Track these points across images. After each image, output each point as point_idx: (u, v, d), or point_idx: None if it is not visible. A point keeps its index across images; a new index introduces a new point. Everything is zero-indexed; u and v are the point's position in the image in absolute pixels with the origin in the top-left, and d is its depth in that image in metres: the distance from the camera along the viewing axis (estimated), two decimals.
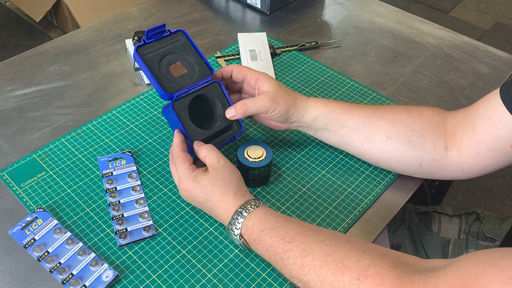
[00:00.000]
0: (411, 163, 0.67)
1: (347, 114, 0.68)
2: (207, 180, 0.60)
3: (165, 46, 0.70)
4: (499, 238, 0.79)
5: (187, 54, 0.71)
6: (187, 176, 0.61)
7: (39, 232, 0.63)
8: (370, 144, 0.68)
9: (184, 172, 0.61)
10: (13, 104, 0.84)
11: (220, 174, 0.60)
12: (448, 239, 0.82)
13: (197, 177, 0.61)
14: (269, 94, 0.67)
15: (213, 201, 0.60)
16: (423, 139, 0.65)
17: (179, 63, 0.70)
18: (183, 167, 0.62)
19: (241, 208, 0.58)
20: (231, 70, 0.72)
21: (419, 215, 0.87)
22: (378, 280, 0.46)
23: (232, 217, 0.58)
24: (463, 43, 1.04)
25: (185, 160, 0.62)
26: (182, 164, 0.62)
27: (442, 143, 0.65)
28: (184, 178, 0.61)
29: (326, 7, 1.16)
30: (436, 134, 0.65)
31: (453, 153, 0.64)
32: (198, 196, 0.61)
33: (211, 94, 0.69)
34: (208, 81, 0.70)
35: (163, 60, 0.69)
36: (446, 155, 0.65)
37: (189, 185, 0.61)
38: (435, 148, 0.65)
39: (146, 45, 0.69)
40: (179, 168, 0.62)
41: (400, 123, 0.66)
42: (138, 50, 0.68)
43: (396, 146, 0.66)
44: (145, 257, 0.62)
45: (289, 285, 0.60)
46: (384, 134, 0.66)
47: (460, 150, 0.64)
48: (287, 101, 0.68)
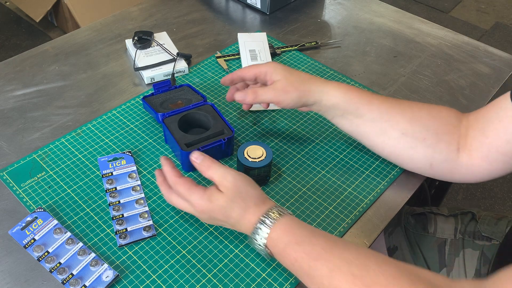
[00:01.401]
0: (422, 161, 0.66)
1: (367, 105, 0.67)
2: (224, 199, 0.57)
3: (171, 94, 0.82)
4: (496, 237, 0.79)
5: (188, 95, 0.81)
6: (201, 198, 0.58)
7: (39, 232, 0.63)
8: (384, 138, 0.67)
9: (195, 197, 0.58)
10: (13, 104, 0.84)
11: (234, 191, 0.58)
12: (445, 239, 0.82)
13: (213, 197, 0.57)
14: (278, 84, 0.67)
15: (234, 217, 0.57)
16: (437, 139, 0.65)
17: (179, 102, 0.80)
18: (190, 192, 0.58)
19: (264, 217, 0.56)
20: (240, 73, 0.71)
21: (415, 216, 0.87)
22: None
23: (255, 227, 0.56)
24: (463, 43, 1.04)
25: (188, 184, 0.59)
26: (189, 190, 0.58)
27: (455, 145, 0.64)
28: (198, 201, 0.58)
29: (326, 7, 1.16)
30: (450, 135, 0.65)
31: (464, 155, 0.64)
32: (218, 215, 0.58)
33: (202, 111, 0.76)
34: (200, 103, 0.77)
35: (165, 102, 0.80)
36: (458, 157, 0.64)
37: (206, 206, 0.57)
38: (448, 149, 0.64)
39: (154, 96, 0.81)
40: (187, 196, 0.58)
41: (418, 121, 0.66)
42: (145, 98, 0.80)
43: (410, 143, 0.66)
44: (145, 257, 0.62)
45: (289, 285, 0.60)
46: (400, 130, 0.66)
47: (471, 153, 0.63)
48: (298, 89, 0.67)
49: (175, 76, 0.90)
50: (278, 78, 0.68)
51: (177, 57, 0.91)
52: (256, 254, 0.63)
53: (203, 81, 0.90)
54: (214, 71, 0.93)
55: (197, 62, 0.95)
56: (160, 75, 0.89)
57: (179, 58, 0.91)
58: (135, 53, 0.92)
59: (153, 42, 0.95)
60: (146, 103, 0.78)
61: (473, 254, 0.79)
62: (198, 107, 0.77)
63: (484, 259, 0.78)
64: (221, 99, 0.87)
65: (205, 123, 0.77)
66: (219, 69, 0.94)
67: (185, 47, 0.99)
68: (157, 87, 0.81)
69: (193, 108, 0.77)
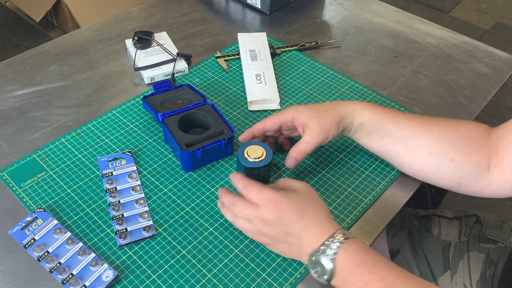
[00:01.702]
0: (451, 180, 0.65)
1: (394, 123, 0.66)
2: (300, 196, 0.57)
3: (171, 94, 0.82)
4: (501, 240, 0.79)
5: (188, 95, 0.81)
6: (276, 192, 0.56)
7: (39, 232, 0.63)
8: (411, 157, 0.66)
9: (270, 190, 0.57)
10: (13, 104, 0.84)
11: (311, 195, 0.57)
12: (449, 242, 0.82)
13: (288, 194, 0.57)
14: (314, 128, 0.66)
15: (307, 219, 0.56)
16: (466, 160, 0.63)
17: (179, 102, 0.80)
18: (264, 188, 0.57)
19: (338, 233, 0.54)
20: (262, 127, 0.69)
21: (419, 219, 0.87)
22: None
23: (329, 238, 0.53)
24: (463, 43, 1.04)
25: (257, 183, 0.58)
26: (262, 187, 0.58)
27: (485, 163, 0.62)
28: (273, 194, 0.56)
29: (326, 7, 1.16)
30: (480, 154, 0.63)
31: (495, 171, 0.62)
32: (289, 213, 0.56)
33: (202, 111, 0.76)
34: (200, 103, 0.77)
35: (165, 102, 0.80)
36: (488, 175, 0.63)
37: (281, 200, 0.56)
38: (477, 169, 0.63)
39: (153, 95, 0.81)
40: (260, 190, 0.57)
41: (446, 139, 0.64)
42: (145, 98, 0.80)
43: (437, 164, 0.64)
44: (145, 257, 0.62)
45: (289, 285, 0.60)
46: (428, 149, 0.64)
47: (502, 166, 0.61)
48: (333, 122, 0.66)
49: (175, 76, 0.90)
50: (308, 121, 0.66)
51: (177, 57, 0.91)
52: (256, 254, 0.63)
53: (203, 81, 0.90)
54: (214, 71, 0.93)
55: (197, 62, 0.95)
56: (160, 75, 0.89)
57: (179, 58, 0.91)
58: (135, 53, 0.92)
59: (153, 42, 0.95)
60: (146, 103, 0.78)
61: (479, 257, 0.79)
62: (198, 107, 0.77)
63: (490, 262, 0.78)
64: (221, 99, 0.87)
65: (205, 123, 0.77)
66: (219, 69, 0.94)
67: (185, 47, 0.99)
68: (157, 87, 0.81)
69: (193, 108, 0.77)
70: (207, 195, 0.70)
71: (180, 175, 0.73)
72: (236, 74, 0.93)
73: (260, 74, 0.89)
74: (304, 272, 0.61)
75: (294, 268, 0.61)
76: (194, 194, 0.70)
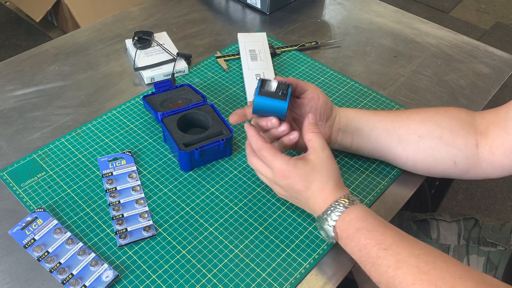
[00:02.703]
0: (446, 160, 0.67)
1: (375, 116, 0.70)
2: (309, 168, 0.58)
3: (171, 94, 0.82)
4: (500, 243, 0.78)
5: (189, 95, 0.82)
6: (286, 163, 0.59)
7: (39, 232, 0.63)
8: (404, 145, 0.68)
9: (281, 161, 0.59)
10: (13, 104, 0.84)
11: (323, 163, 0.59)
12: (448, 245, 0.82)
13: (298, 164, 0.59)
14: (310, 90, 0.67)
15: (312, 190, 0.59)
16: (453, 136, 0.65)
17: (180, 101, 0.81)
18: (275, 157, 0.59)
19: (341, 199, 0.57)
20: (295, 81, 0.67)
21: (417, 222, 0.87)
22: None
23: (330, 207, 0.57)
24: (463, 43, 1.04)
25: (274, 150, 0.60)
26: (274, 155, 0.60)
27: (473, 140, 0.65)
28: (283, 165, 0.59)
29: (326, 7, 1.16)
30: (466, 131, 0.65)
31: (485, 151, 0.65)
32: (297, 184, 0.59)
33: (201, 111, 0.76)
34: (200, 103, 0.77)
35: (165, 101, 0.81)
36: (478, 153, 0.65)
37: (288, 172, 0.59)
38: (467, 145, 0.65)
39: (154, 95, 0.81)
40: (271, 161, 0.60)
41: (429, 121, 0.67)
42: (146, 98, 0.80)
43: (429, 144, 0.66)
44: (145, 257, 0.62)
45: (289, 285, 0.60)
46: (415, 133, 0.67)
47: (492, 148, 0.64)
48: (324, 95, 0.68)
49: (175, 76, 0.90)
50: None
51: (177, 57, 0.91)
52: (256, 254, 0.63)
53: (203, 81, 0.90)
54: (214, 71, 0.93)
55: (197, 62, 0.95)
56: (160, 75, 0.89)
57: (179, 58, 0.92)
58: (135, 53, 0.92)
59: (153, 42, 0.95)
60: (146, 102, 0.78)
61: (479, 260, 0.79)
62: (198, 107, 0.77)
63: (490, 265, 0.77)
64: (221, 99, 0.87)
65: (204, 123, 0.77)
66: (219, 69, 0.94)
67: (185, 47, 0.99)
68: (158, 86, 0.81)
69: (193, 108, 0.77)
70: (207, 195, 0.70)
71: (181, 175, 0.73)
72: (236, 74, 0.93)
73: (260, 74, 0.89)
74: (304, 272, 0.61)
75: (294, 268, 0.61)
76: (194, 194, 0.70)
